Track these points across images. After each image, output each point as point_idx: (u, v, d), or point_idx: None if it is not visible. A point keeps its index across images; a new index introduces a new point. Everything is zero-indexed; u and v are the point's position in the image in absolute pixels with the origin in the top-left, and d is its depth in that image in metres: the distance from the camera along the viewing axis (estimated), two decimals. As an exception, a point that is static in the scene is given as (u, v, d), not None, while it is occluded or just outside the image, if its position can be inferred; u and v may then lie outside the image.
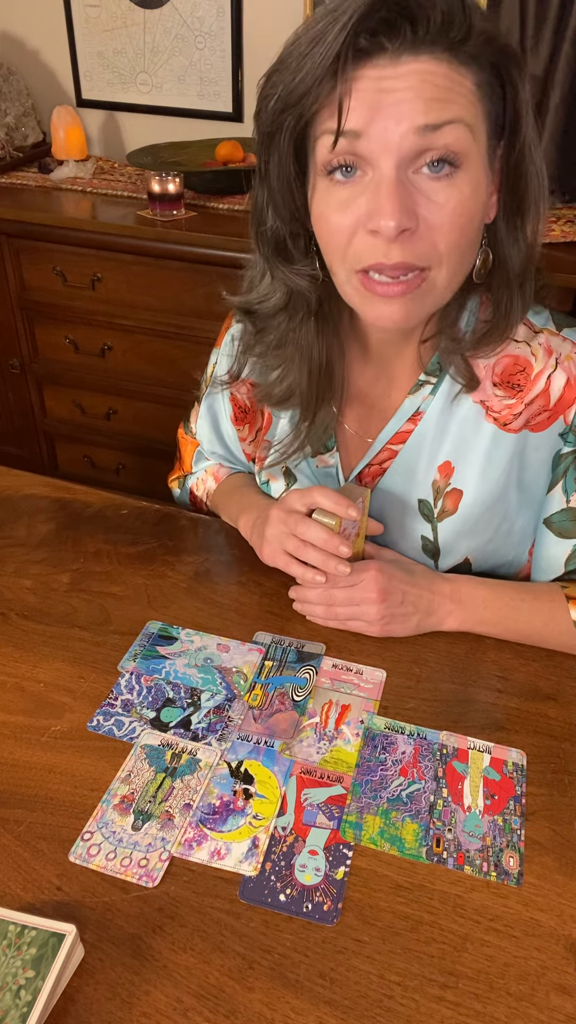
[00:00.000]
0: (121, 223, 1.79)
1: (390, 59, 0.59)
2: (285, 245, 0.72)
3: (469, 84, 0.60)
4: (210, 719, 0.72)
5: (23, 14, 2.20)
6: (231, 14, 1.96)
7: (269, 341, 0.79)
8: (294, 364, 0.79)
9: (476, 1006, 0.52)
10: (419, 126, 0.59)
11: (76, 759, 0.68)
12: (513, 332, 0.75)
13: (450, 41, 0.58)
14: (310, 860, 0.60)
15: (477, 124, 0.62)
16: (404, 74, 0.59)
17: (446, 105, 0.60)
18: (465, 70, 0.60)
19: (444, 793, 0.66)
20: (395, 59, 0.58)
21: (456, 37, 0.58)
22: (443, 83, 0.59)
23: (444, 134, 0.60)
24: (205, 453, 1.04)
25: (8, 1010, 0.49)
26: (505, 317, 0.73)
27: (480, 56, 0.60)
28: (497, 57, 0.61)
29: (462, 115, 0.60)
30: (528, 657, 0.79)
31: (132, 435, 2.11)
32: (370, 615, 0.78)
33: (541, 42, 1.68)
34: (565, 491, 0.81)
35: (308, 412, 0.82)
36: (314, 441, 0.85)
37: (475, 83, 0.61)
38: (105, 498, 1.02)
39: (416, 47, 0.58)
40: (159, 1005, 0.52)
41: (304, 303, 0.75)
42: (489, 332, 0.74)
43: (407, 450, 0.82)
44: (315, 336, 0.77)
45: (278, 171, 0.67)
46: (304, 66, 0.59)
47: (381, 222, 0.61)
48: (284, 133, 0.64)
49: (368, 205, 0.63)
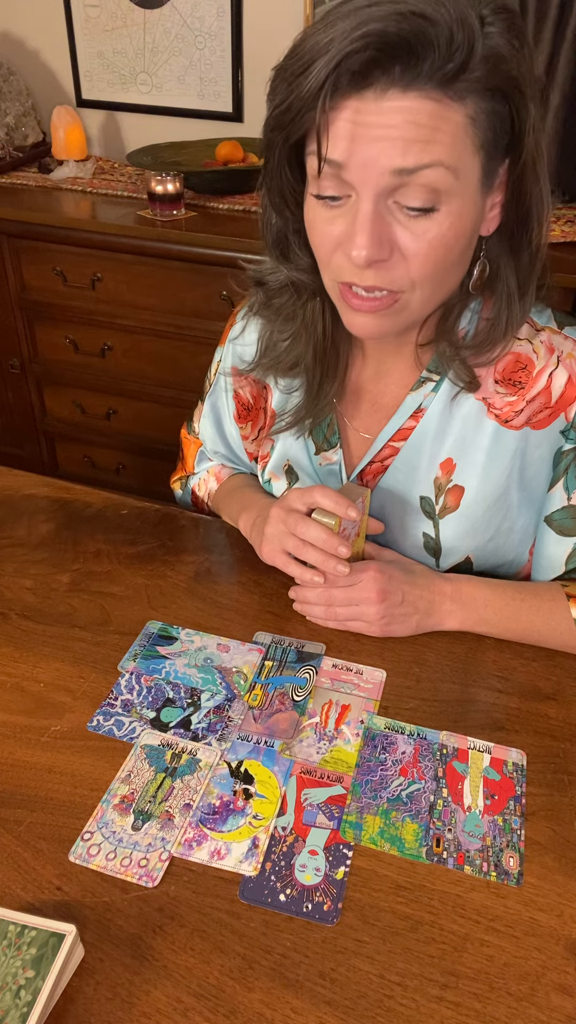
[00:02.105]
0: (121, 223, 1.79)
1: (376, 94, 0.58)
2: (286, 241, 0.75)
3: (459, 119, 0.59)
4: (210, 719, 0.72)
5: (23, 14, 2.20)
6: (231, 14, 1.96)
7: (279, 312, 0.81)
8: (301, 338, 0.81)
9: (476, 1006, 0.52)
10: (396, 168, 0.59)
11: (76, 759, 0.68)
12: (511, 341, 0.75)
13: (443, 77, 0.57)
14: (310, 860, 0.60)
15: (464, 159, 0.61)
16: (387, 111, 0.58)
17: (426, 147, 0.59)
18: (457, 104, 0.58)
19: (444, 793, 0.66)
20: (381, 94, 0.58)
21: (451, 72, 0.56)
22: (427, 122, 0.58)
23: (422, 176, 0.60)
24: (208, 453, 1.04)
25: (8, 1010, 0.49)
26: (503, 326, 0.73)
27: (479, 85, 0.58)
28: (502, 82, 0.59)
29: (442, 157, 0.59)
30: (528, 657, 0.79)
31: (132, 435, 2.11)
32: (369, 615, 0.78)
33: (541, 42, 1.68)
34: (566, 488, 0.81)
35: (313, 384, 0.83)
36: (316, 413, 0.85)
37: (469, 115, 0.59)
38: (105, 498, 1.02)
39: (405, 84, 0.57)
40: (159, 1005, 0.52)
41: (307, 287, 0.77)
42: (488, 338, 0.74)
43: (409, 447, 0.82)
44: (320, 314, 0.79)
45: (275, 178, 0.69)
46: (292, 91, 0.60)
47: (353, 252, 0.63)
48: (276, 148, 0.66)
49: (347, 229, 0.64)
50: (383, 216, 0.63)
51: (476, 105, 0.59)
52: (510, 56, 0.59)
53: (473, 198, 0.64)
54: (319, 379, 0.82)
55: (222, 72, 2.05)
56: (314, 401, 0.84)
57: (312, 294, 0.77)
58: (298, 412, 0.85)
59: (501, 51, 0.58)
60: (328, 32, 0.57)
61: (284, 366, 0.84)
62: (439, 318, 0.76)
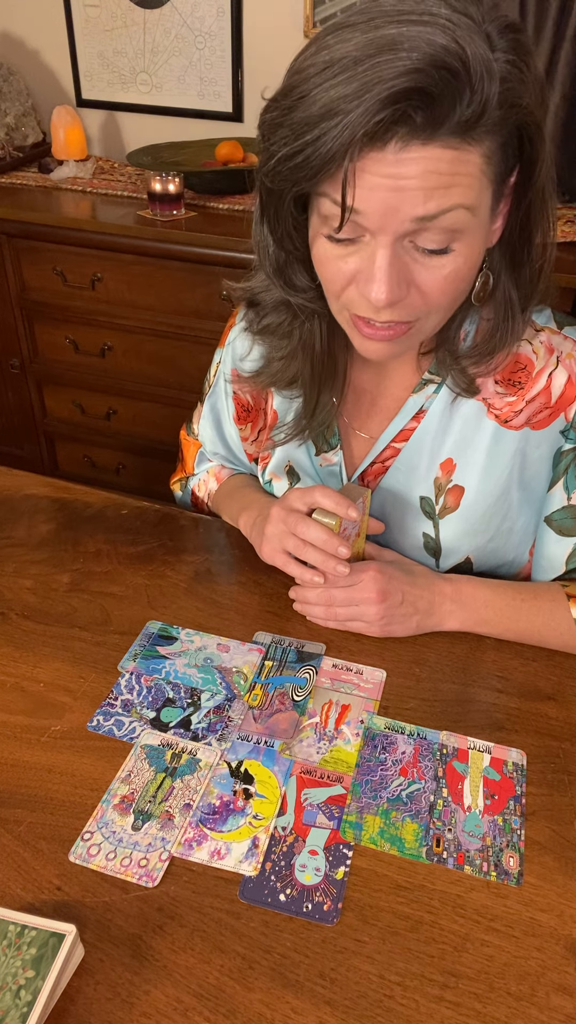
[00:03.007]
0: (121, 223, 1.79)
1: (396, 148, 0.56)
2: (288, 269, 0.73)
3: (476, 160, 0.58)
4: (210, 719, 0.72)
5: (23, 14, 2.20)
6: (231, 14, 1.96)
7: (274, 332, 0.80)
8: (297, 356, 0.80)
9: (476, 1006, 0.52)
10: (416, 217, 0.59)
11: (76, 759, 0.68)
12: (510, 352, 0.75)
13: (463, 125, 0.56)
14: (310, 860, 0.60)
15: (481, 196, 0.60)
16: (408, 161, 0.57)
17: (447, 192, 0.58)
18: (475, 146, 0.57)
19: (444, 793, 0.66)
20: (402, 148, 0.56)
21: (470, 119, 0.55)
22: (447, 170, 0.57)
23: (442, 220, 0.59)
24: (207, 454, 1.04)
25: (8, 1010, 0.49)
26: (502, 337, 0.73)
27: (496, 127, 0.58)
28: (517, 116, 0.58)
29: (462, 200, 0.59)
30: (528, 657, 0.79)
31: (132, 435, 2.11)
32: (369, 615, 0.78)
33: (541, 42, 1.68)
34: (566, 488, 0.81)
35: (312, 397, 0.83)
36: (315, 426, 0.85)
37: (485, 154, 0.59)
38: (105, 498, 1.02)
39: (426, 137, 0.56)
40: (159, 1005, 0.52)
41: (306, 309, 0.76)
42: (487, 348, 0.74)
43: (409, 448, 0.82)
44: (318, 332, 0.78)
45: (278, 220, 0.68)
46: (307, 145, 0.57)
47: (372, 294, 0.63)
48: (285, 195, 0.64)
49: (360, 266, 0.64)
50: (400, 257, 0.62)
51: (492, 143, 0.58)
52: (521, 86, 0.57)
53: (485, 227, 0.64)
54: (317, 393, 0.82)
55: (222, 72, 2.05)
56: (312, 413, 0.83)
57: (311, 315, 0.76)
58: (297, 423, 0.85)
59: (513, 85, 0.57)
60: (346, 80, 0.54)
61: (282, 382, 0.83)
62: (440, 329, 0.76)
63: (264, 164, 0.62)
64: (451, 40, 0.53)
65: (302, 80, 0.57)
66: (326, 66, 0.55)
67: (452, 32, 0.53)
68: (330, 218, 0.62)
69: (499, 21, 0.57)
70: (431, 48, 0.53)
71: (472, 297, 0.70)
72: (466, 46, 0.53)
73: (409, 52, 0.53)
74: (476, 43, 0.54)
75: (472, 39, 0.54)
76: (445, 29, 0.53)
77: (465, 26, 0.54)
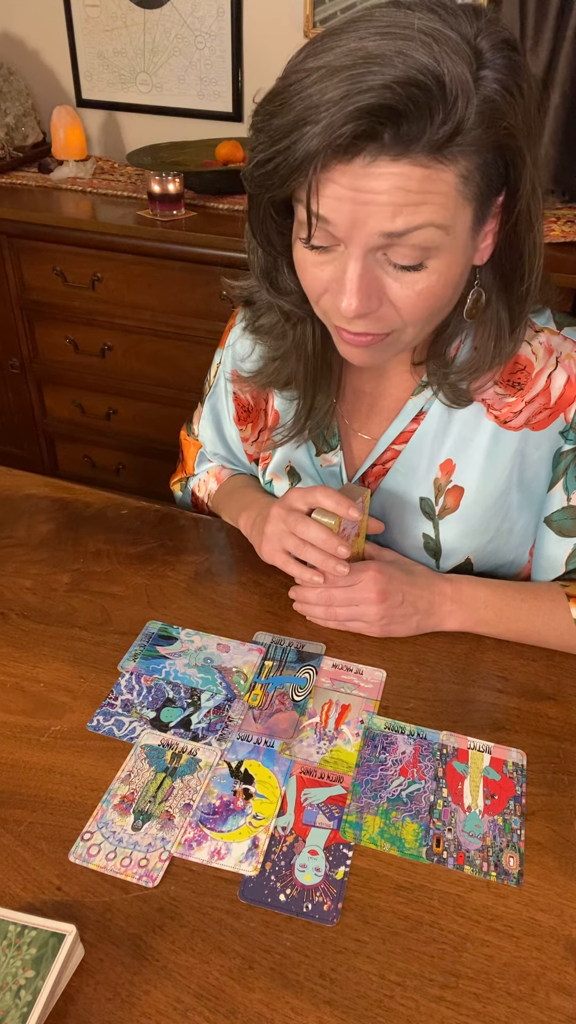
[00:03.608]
0: (121, 223, 1.79)
1: (365, 162, 0.56)
2: (274, 272, 0.74)
3: (450, 178, 0.57)
4: (210, 719, 0.72)
5: (23, 14, 2.20)
6: (231, 14, 1.96)
7: (269, 332, 0.81)
8: (291, 357, 0.80)
9: (476, 1006, 0.52)
10: (384, 232, 0.59)
11: (76, 759, 0.68)
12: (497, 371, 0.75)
13: (434, 144, 0.55)
14: (310, 860, 0.60)
15: (455, 215, 0.59)
16: (376, 177, 0.56)
17: (417, 209, 0.57)
18: (448, 166, 0.56)
19: (444, 793, 0.66)
20: (370, 162, 0.56)
21: (442, 138, 0.54)
22: (417, 187, 0.56)
23: (412, 237, 0.59)
24: (207, 455, 1.04)
25: (8, 1010, 0.49)
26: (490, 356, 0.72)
27: (472, 147, 0.56)
28: (497, 137, 0.57)
29: (433, 219, 0.58)
30: (528, 657, 0.79)
31: (132, 435, 2.11)
32: (369, 615, 0.78)
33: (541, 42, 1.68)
34: (566, 489, 0.81)
35: (307, 399, 0.83)
36: (313, 427, 0.85)
37: (461, 174, 0.57)
38: (105, 498, 1.02)
39: (395, 154, 0.55)
40: (159, 1005, 0.52)
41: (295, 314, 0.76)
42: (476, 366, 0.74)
43: (409, 449, 0.83)
44: (309, 335, 0.78)
45: (260, 223, 0.68)
46: (278, 153, 0.57)
47: (342, 305, 0.63)
48: (260, 202, 0.65)
49: (335, 275, 0.64)
50: (372, 270, 0.62)
51: (469, 163, 0.57)
52: (506, 107, 0.56)
53: (464, 246, 0.63)
54: (312, 395, 0.82)
55: (222, 72, 2.05)
56: (308, 415, 0.83)
57: (300, 318, 0.77)
58: (295, 424, 0.85)
59: (497, 104, 0.55)
60: (320, 90, 0.54)
61: (279, 383, 0.83)
62: (431, 340, 0.76)
63: (246, 168, 0.63)
64: (429, 57, 0.52)
65: (284, 87, 0.57)
66: (307, 74, 0.55)
67: (431, 48, 0.52)
68: (304, 225, 0.62)
69: (495, 36, 0.56)
70: (405, 65, 0.52)
71: (464, 313, 0.70)
72: (443, 63, 0.52)
73: (382, 67, 0.52)
74: (455, 61, 0.53)
75: (451, 57, 0.53)
76: (426, 45, 0.52)
77: (448, 42, 0.53)
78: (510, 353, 0.73)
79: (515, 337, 0.72)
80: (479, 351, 0.73)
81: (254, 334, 0.83)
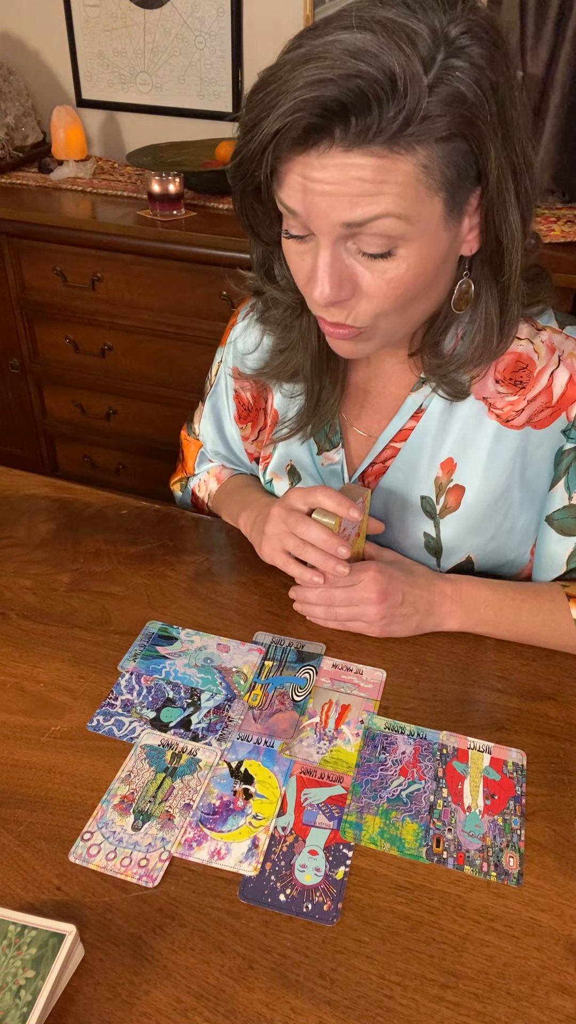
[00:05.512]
0: (121, 223, 1.79)
1: (319, 153, 0.57)
2: (270, 263, 0.76)
3: (408, 168, 0.57)
4: (210, 719, 0.72)
5: (23, 14, 2.20)
6: (231, 14, 1.96)
7: (277, 322, 0.82)
8: (298, 348, 0.81)
9: (476, 1006, 0.52)
10: (344, 222, 0.60)
11: (76, 759, 0.68)
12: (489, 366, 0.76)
13: (387, 134, 0.55)
14: (310, 860, 0.60)
15: (418, 206, 0.59)
16: (331, 167, 0.57)
17: (374, 200, 0.58)
18: (405, 156, 0.56)
19: (444, 793, 0.66)
20: (323, 153, 0.57)
21: (394, 130, 0.55)
22: (372, 177, 0.57)
23: (373, 227, 0.59)
24: (208, 454, 1.04)
25: (8, 1010, 0.49)
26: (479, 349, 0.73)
27: (429, 136, 0.56)
28: (458, 126, 0.56)
29: (391, 209, 0.58)
30: (528, 657, 0.79)
31: (132, 435, 2.11)
32: (370, 615, 0.78)
33: (541, 42, 1.68)
34: (567, 488, 0.81)
35: (313, 391, 0.84)
36: (317, 422, 0.85)
37: (420, 164, 0.57)
38: (105, 498, 1.02)
39: (347, 145, 0.56)
40: (159, 1005, 0.52)
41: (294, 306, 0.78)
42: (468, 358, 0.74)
43: (409, 447, 0.82)
44: (312, 327, 0.79)
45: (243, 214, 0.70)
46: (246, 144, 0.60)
47: (315, 293, 0.64)
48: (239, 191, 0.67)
49: (310, 267, 0.65)
50: (342, 259, 0.63)
51: (429, 152, 0.57)
52: (471, 95, 0.55)
53: (435, 236, 0.62)
54: (319, 387, 0.83)
55: (222, 72, 2.05)
56: (315, 409, 0.84)
57: (302, 310, 0.78)
58: (300, 419, 0.85)
59: (460, 93, 0.55)
60: (277, 87, 0.56)
61: (286, 374, 0.84)
62: (424, 331, 0.76)
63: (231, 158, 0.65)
64: (380, 47, 0.52)
65: (261, 82, 0.59)
66: (277, 68, 0.57)
67: (384, 39, 0.52)
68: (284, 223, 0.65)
69: (468, 23, 0.56)
70: (353, 57, 0.52)
71: (452, 304, 0.70)
72: (392, 55, 0.52)
73: (333, 60, 0.53)
74: (409, 51, 0.53)
75: (405, 47, 0.52)
76: (380, 36, 0.52)
77: (404, 32, 0.53)
78: (501, 346, 0.73)
79: (504, 330, 0.72)
80: (470, 342, 0.73)
81: (264, 324, 0.84)
